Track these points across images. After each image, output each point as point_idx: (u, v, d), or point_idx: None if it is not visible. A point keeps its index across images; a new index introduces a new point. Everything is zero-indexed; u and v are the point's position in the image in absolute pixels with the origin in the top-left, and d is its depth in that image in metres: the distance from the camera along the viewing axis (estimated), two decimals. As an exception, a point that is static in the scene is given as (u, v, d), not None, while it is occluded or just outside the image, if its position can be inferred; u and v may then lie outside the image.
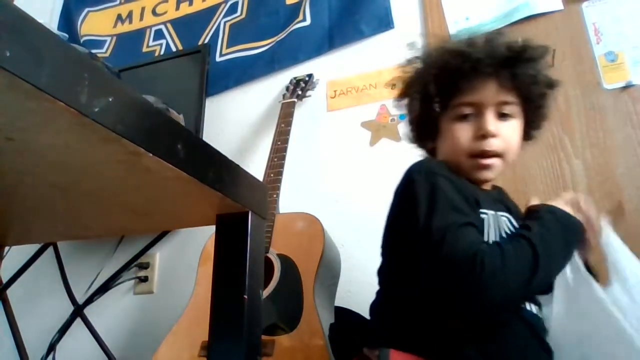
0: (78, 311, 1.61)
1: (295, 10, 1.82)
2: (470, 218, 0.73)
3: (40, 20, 0.36)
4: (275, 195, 1.28)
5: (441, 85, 0.85)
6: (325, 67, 1.70)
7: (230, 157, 0.63)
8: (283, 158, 1.36)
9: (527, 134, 0.90)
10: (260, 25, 1.87)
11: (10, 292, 1.67)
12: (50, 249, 1.68)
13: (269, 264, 1.16)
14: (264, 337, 0.98)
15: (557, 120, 1.37)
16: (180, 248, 1.64)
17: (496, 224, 0.78)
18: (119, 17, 2.18)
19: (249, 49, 1.85)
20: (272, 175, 1.33)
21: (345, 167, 1.54)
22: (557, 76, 0.83)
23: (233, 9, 1.95)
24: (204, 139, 0.93)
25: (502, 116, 0.83)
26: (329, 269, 1.19)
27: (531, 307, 0.76)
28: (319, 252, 1.15)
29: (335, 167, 1.55)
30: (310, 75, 1.66)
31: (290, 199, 1.36)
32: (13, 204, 0.63)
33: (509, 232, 0.78)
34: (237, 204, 0.63)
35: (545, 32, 1.46)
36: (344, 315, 1.10)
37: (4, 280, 1.65)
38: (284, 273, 1.15)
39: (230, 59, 1.87)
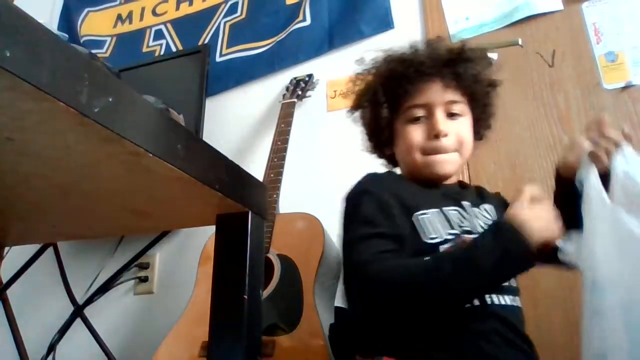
0: (78, 311, 1.61)
1: (295, 10, 1.82)
2: (381, 229, 0.77)
3: (40, 20, 0.36)
4: (275, 195, 1.28)
5: (390, 91, 0.90)
6: (325, 67, 1.70)
7: (230, 157, 0.63)
8: (283, 158, 1.36)
9: (478, 133, 0.94)
10: (260, 25, 1.87)
11: (10, 292, 1.67)
12: (50, 249, 1.68)
13: (269, 264, 1.16)
14: (264, 337, 0.98)
15: (557, 120, 1.37)
16: (180, 248, 1.64)
17: (444, 218, 0.81)
18: (119, 17, 2.18)
19: (249, 49, 1.85)
20: (272, 175, 1.33)
21: (345, 167, 1.54)
22: (557, 76, 0.84)
23: (233, 9, 1.95)
24: (204, 139, 0.93)
25: (452, 115, 0.87)
26: (329, 269, 1.19)
27: (503, 299, 0.76)
28: (319, 252, 1.15)
29: (335, 167, 1.55)
30: (310, 75, 1.66)
31: (290, 199, 1.36)
32: (13, 204, 0.63)
33: (484, 218, 0.84)
34: (237, 204, 0.63)
35: (545, 32, 1.46)
36: (344, 315, 1.09)
37: (4, 280, 1.65)
38: (284, 273, 1.15)
39: (230, 59, 1.87)
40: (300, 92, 1.59)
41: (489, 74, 0.92)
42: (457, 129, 0.87)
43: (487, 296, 0.75)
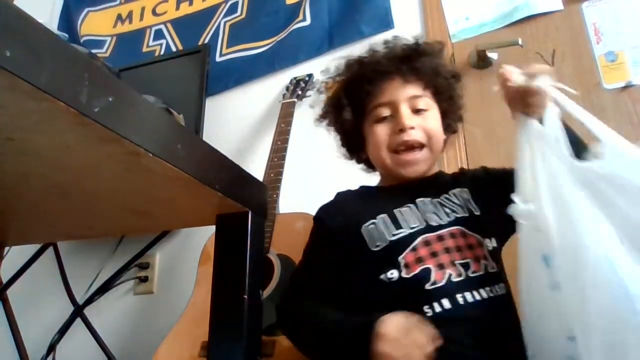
0: (78, 311, 1.61)
1: (295, 10, 1.82)
2: (316, 260, 0.88)
3: (40, 20, 0.36)
4: (275, 195, 1.28)
5: (353, 94, 0.92)
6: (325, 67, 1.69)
7: (230, 157, 0.63)
8: (283, 158, 1.36)
9: (450, 127, 0.95)
10: (260, 25, 1.87)
11: (10, 292, 1.67)
12: (50, 249, 1.68)
13: (269, 264, 1.16)
14: (264, 337, 0.98)
15: (557, 120, 1.37)
16: (180, 248, 1.64)
17: (391, 221, 0.82)
18: (119, 17, 2.18)
19: (249, 49, 1.85)
20: (272, 175, 1.33)
21: (346, 167, 1.54)
22: (557, 76, 0.83)
23: (233, 9, 1.95)
24: (204, 139, 0.93)
25: (418, 111, 0.88)
26: (329, 269, 1.19)
27: (478, 295, 0.75)
28: (319, 252, 1.15)
29: (335, 167, 1.54)
30: (310, 75, 1.66)
31: (290, 199, 1.36)
32: (13, 204, 0.63)
33: (450, 204, 0.85)
34: (237, 204, 0.63)
35: (545, 32, 1.46)
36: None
37: (4, 280, 1.65)
38: (284, 273, 1.15)
39: (230, 59, 1.87)
40: (300, 92, 1.59)
41: (448, 66, 0.93)
42: (424, 122, 0.87)
43: (459, 295, 0.74)
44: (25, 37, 0.34)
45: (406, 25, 1.62)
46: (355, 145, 0.97)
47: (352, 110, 0.92)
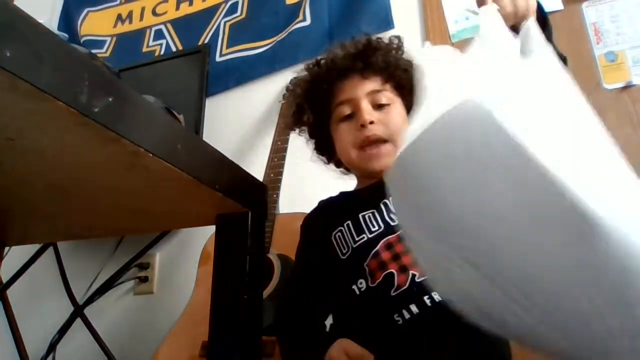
0: (78, 311, 1.61)
1: (295, 10, 1.82)
2: (300, 274, 0.91)
3: (40, 20, 0.36)
4: (275, 195, 1.28)
5: (314, 97, 0.92)
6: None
7: (230, 157, 0.63)
8: (283, 158, 1.36)
9: None
10: (260, 25, 1.86)
11: (10, 292, 1.66)
12: (50, 249, 1.68)
13: (269, 264, 1.16)
14: (264, 337, 0.98)
15: (557, 120, 1.37)
16: (180, 248, 1.64)
17: (355, 227, 0.82)
18: (119, 17, 2.18)
19: (249, 49, 1.85)
20: (272, 175, 1.33)
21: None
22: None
23: (233, 9, 1.95)
24: (204, 139, 0.93)
25: (380, 107, 0.87)
26: (329, 269, 1.19)
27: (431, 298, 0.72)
28: (319, 252, 1.15)
29: (335, 167, 1.54)
30: (310, 76, 1.66)
31: (290, 199, 1.36)
32: (13, 204, 0.63)
33: None
34: (237, 204, 0.63)
35: (545, 32, 1.46)
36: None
37: (4, 280, 1.65)
38: (284, 273, 1.15)
39: (230, 59, 1.87)
40: (300, 92, 1.59)
41: (406, 59, 0.92)
42: (386, 117, 0.86)
43: (426, 297, 0.71)
44: (25, 37, 0.34)
45: (406, 25, 1.62)
46: (327, 148, 0.96)
47: (317, 112, 0.92)
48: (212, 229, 0.69)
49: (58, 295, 1.67)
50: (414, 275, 0.73)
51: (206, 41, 1.93)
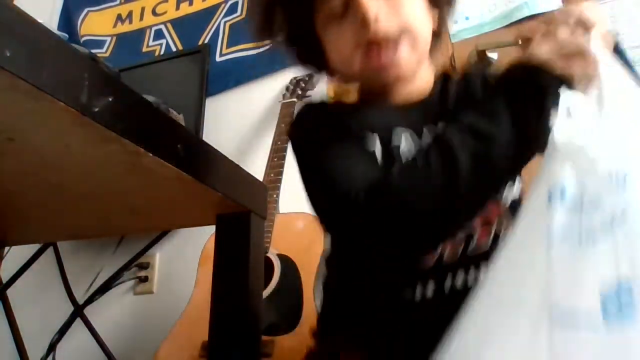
0: (78, 311, 1.61)
1: (295, 10, 1.82)
2: None
3: (40, 20, 0.36)
4: (275, 195, 1.28)
5: None
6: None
7: (230, 157, 0.63)
8: (283, 158, 1.36)
9: (442, 20, 0.69)
10: (260, 25, 1.86)
11: (10, 292, 1.67)
12: (50, 249, 1.68)
13: (269, 264, 1.16)
14: (264, 337, 0.98)
15: (557, 120, 1.37)
16: (180, 248, 1.64)
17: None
18: (119, 17, 2.18)
19: (249, 49, 1.85)
20: (272, 175, 1.33)
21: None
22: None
23: (233, 8, 1.95)
24: (204, 139, 0.94)
25: None
26: (329, 269, 1.19)
27: (460, 279, 0.63)
28: (319, 251, 1.15)
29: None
30: (310, 75, 1.66)
31: (290, 199, 1.36)
32: (13, 204, 0.63)
33: None
34: (237, 204, 0.63)
35: (545, 32, 1.46)
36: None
37: (4, 280, 1.65)
38: (284, 273, 1.15)
39: (230, 59, 1.87)
40: (300, 92, 1.59)
41: None
42: (394, 5, 0.61)
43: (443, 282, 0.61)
44: (25, 37, 0.34)
45: (406, 25, 1.62)
46: (315, 55, 0.69)
47: (294, 11, 0.67)
48: (212, 229, 0.69)
49: (58, 295, 1.67)
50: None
51: (206, 41, 1.93)
